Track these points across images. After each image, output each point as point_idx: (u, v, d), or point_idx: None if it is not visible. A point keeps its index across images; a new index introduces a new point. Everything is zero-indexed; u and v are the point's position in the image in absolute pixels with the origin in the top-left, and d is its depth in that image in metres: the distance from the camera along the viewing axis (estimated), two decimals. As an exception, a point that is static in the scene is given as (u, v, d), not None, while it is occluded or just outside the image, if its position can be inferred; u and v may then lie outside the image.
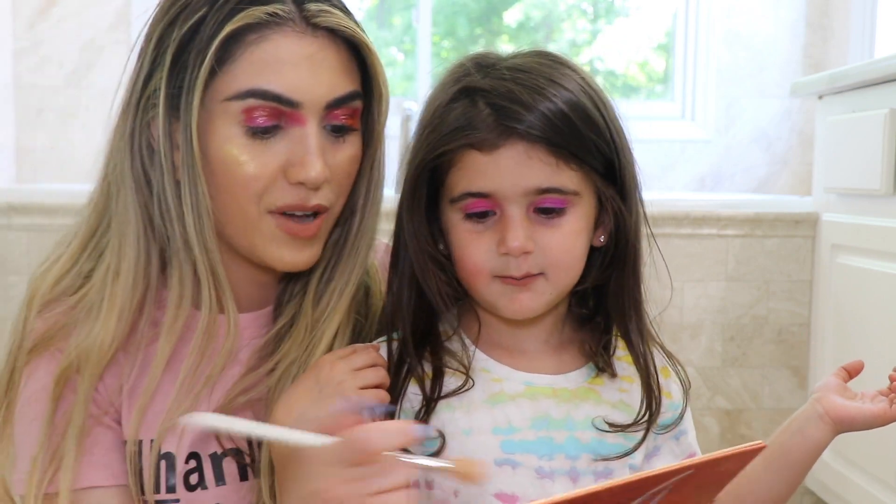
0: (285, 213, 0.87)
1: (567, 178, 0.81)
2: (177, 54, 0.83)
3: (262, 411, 0.93)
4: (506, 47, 0.89)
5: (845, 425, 0.91)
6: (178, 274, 0.87)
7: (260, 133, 0.84)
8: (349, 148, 0.90)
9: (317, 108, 0.85)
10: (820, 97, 2.17)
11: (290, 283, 0.96)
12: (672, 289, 2.25)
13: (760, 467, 0.92)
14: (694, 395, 2.47)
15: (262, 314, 0.96)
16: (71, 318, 0.89)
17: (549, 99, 0.80)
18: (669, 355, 0.95)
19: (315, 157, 0.85)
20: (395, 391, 0.87)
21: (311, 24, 0.84)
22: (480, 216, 0.82)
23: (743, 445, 0.69)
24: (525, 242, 0.81)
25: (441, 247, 0.88)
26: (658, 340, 0.93)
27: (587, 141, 0.81)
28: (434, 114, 0.84)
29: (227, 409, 0.91)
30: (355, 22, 0.88)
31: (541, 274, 0.83)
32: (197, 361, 0.88)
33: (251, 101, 0.83)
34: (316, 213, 0.88)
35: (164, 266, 0.89)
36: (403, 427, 0.69)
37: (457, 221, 0.84)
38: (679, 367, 0.94)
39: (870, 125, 1.88)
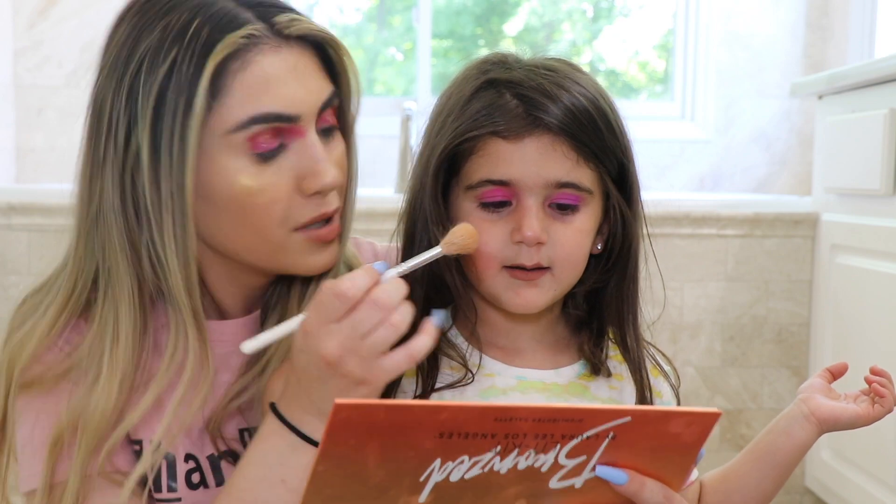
0: (308, 226, 0.87)
1: (584, 175, 0.83)
2: (157, 104, 0.80)
3: (253, 415, 0.93)
4: (507, 47, 0.90)
5: (830, 425, 0.92)
6: (174, 324, 0.86)
7: (266, 156, 0.83)
8: (338, 145, 0.90)
9: (312, 116, 0.85)
10: (820, 97, 2.18)
11: (276, 286, 0.96)
12: (665, 290, 2.26)
13: (748, 466, 0.94)
14: (693, 395, 2.48)
15: (250, 319, 0.96)
16: (65, 367, 0.87)
17: (574, 95, 0.82)
18: (660, 353, 0.96)
19: (327, 164, 0.85)
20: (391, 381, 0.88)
21: (285, 36, 0.84)
22: (496, 206, 0.83)
23: (693, 408, 0.68)
24: (540, 232, 0.82)
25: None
26: (649, 342, 0.94)
27: (605, 141, 0.83)
28: (457, 102, 0.85)
29: (220, 414, 0.91)
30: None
31: (548, 269, 0.84)
32: (183, 396, 0.86)
33: (255, 128, 0.82)
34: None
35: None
36: (366, 269, 0.75)
37: (470, 209, 0.84)
38: (669, 366, 0.95)
39: (869, 125, 1.88)
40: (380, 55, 3.12)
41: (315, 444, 0.80)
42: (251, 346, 0.79)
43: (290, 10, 0.86)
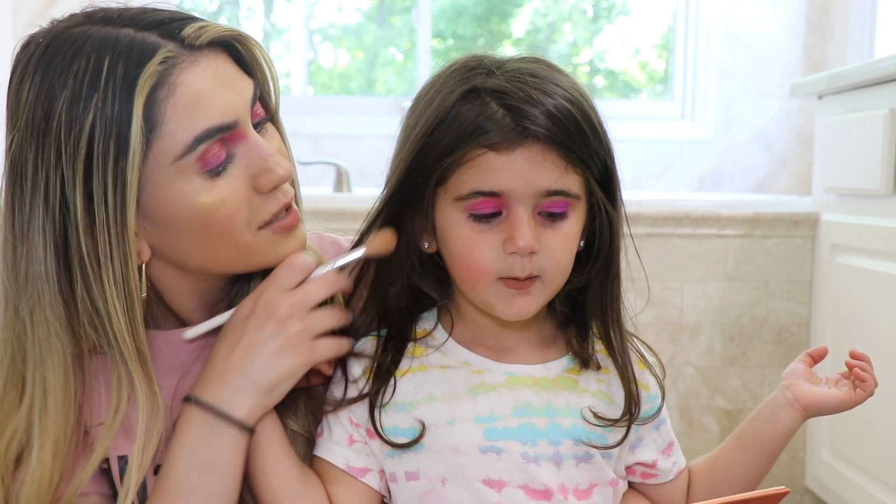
0: (273, 221, 0.87)
1: (572, 181, 0.83)
2: (87, 154, 0.79)
3: None
4: (508, 48, 0.90)
5: (814, 410, 0.95)
6: (116, 377, 0.84)
7: (217, 170, 0.83)
8: (274, 135, 0.90)
9: (247, 116, 0.85)
10: (820, 97, 2.18)
11: (235, 287, 0.95)
12: (665, 290, 2.26)
13: (734, 454, 0.96)
14: (694, 395, 2.48)
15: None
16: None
17: (559, 101, 0.82)
18: (644, 345, 0.97)
19: (276, 156, 0.85)
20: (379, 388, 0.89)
21: (197, 47, 0.83)
22: (487, 217, 0.83)
23: (766, 490, 0.72)
24: (533, 242, 0.82)
25: (426, 245, 0.89)
26: (633, 333, 0.95)
27: (591, 145, 0.84)
28: (439, 110, 0.84)
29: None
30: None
31: (538, 277, 0.84)
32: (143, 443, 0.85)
33: (202, 147, 0.81)
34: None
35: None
36: (305, 256, 0.88)
37: (458, 220, 0.84)
38: (654, 358, 0.96)
39: (869, 125, 1.88)
40: (380, 55, 3.13)
41: (236, 422, 0.83)
42: (192, 333, 0.88)
43: (190, 18, 0.85)
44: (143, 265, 0.86)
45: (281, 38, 3.16)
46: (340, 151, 2.69)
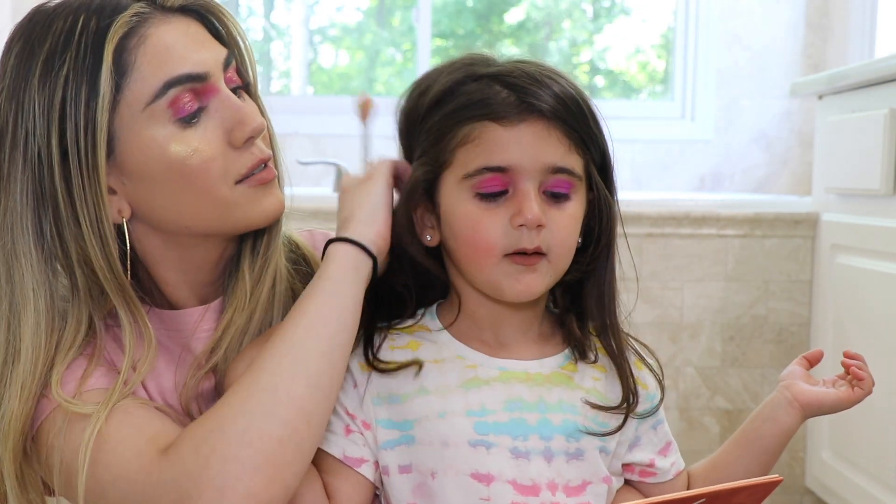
0: (249, 175, 0.90)
1: (575, 161, 0.86)
2: (62, 102, 0.83)
3: (213, 394, 0.94)
4: (507, 47, 0.93)
5: (814, 409, 0.95)
6: (75, 322, 0.88)
7: (189, 119, 0.85)
8: (250, 102, 0.93)
9: (219, 73, 0.88)
10: (820, 97, 2.18)
11: (225, 275, 0.97)
12: (665, 290, 2.26)
13: (735, 454, 0.97)
14: (694, 395, 2.48)
15: (212, 306, 0.97)
16: None
17: (561, 84, 0.85)
18: (643, 346, 0.97)
19: (247, 110, 0.88)
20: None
21: (168, 8, 0.87)
22: (494, 195, 0.84)
23: (758, 478, 0.73)
24: (540, 215, 0.83)
25: (428, 238, 0.90)
26: (629, 333, 0.96)
27: (591, 129, 0.87)
28: (439, 95, 0.86)
29: (188, 395, 0.93)
30: None
31: (544, 255, 0.86)
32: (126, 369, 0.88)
33: (172, 92, 0.84)
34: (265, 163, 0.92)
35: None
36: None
37: (465, 199, 0.85)
38: (653, 359, 0.97)
39: (870, 125, 1.88)
40: (380, 55, 3.13)
41: (341, 239, 0.87)
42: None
43: None
44: (126, 226, 0.88)
45: (281, 38, 3.16)
46: (340, 151, 2.69)
